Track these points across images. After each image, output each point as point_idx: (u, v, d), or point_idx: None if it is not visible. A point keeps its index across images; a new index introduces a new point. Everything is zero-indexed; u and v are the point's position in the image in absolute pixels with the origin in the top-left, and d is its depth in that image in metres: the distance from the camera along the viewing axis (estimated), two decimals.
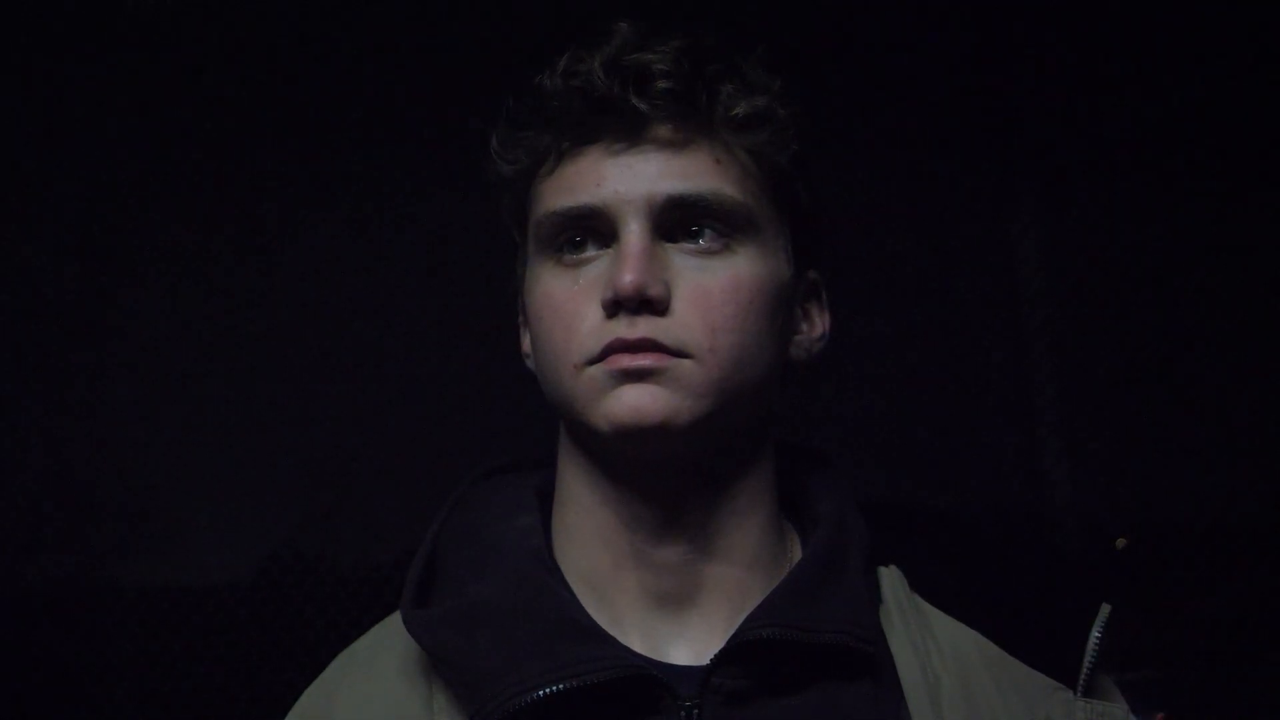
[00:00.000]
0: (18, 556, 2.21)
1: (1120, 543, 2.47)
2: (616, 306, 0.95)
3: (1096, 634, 1.03)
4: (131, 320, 2.23)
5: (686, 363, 0.96)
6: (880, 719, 0.97)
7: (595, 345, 0.96)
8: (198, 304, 2.24)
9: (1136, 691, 1.04)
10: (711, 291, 0.97)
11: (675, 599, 1.00)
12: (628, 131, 0.97)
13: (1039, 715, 0.99)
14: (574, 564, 1.02)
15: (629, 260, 0.95)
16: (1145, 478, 2.43)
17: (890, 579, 1.05)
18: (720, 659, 0.96)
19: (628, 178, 0.97)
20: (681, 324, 0.96)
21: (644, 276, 0.95)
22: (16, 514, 2.22)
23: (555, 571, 1.02)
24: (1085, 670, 1.02)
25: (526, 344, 1.07)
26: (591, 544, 1.01)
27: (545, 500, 1.07)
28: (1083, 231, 2.46)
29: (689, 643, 0.99)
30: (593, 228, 0.98)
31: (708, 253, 0.98)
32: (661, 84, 0.97)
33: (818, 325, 1.08)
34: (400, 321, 2.25)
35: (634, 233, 0.96)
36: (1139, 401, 2.44)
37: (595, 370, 0.96)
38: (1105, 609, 1.04)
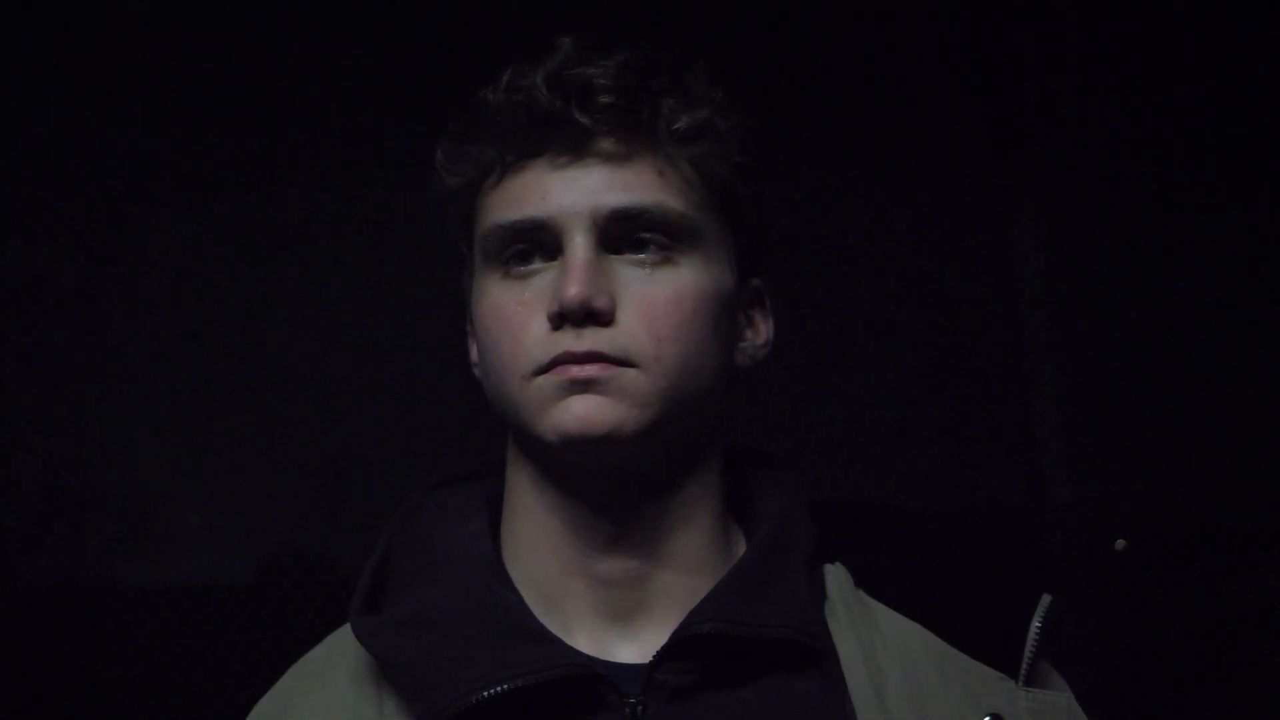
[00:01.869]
0: (17, 556, 2.21)
1: (1120, 543, 2.47)
2: (562, 319, 0.97)
3: (1037, 624, 1.03)
4: (131, 320, 2.23)
5: (632, 372, 0.97)
6: (825, 713, 0.98)
7: (542, 356, 0.97)
8: (197, 303, 2.24)
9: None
10: (656, 302, 0.99)
11: (624, 609, 1.01)
12: (571, 145, 0.99)
13: (983, 706, 0.99)
14: (523, 570, 1.04)
15: (574, 273, 0.97)
16: (1145, 478, 2.43)
17: (835, 576, 1.06)
18: (663, 655, 0.97)
19: (572, 191, 0.98)
20: (627, 334, 0.97)
21: (589, 289, 0.96)
22: (16, 514, 2.22)
23: (504, 577, 1.03)
24: (1027, 660, 1.02)
25: (475, 353, 1.08)
26: (539, 551, 1.02)
27: (495, 507, 1.08)
28: (1083, 231, 2.46)
29: (638, 645, 1.00)
30: (538, 240, 0.99)
31: (652, 264, 1.00)
32: (604, 99, 0.99)
33: (762, 332, 1.10)
34: (401, 321, 2.25)
35: (579, 245, 0.98)
36: (1139, 401, 2.44)
37: (542, 381, 0.97)
38: (1045, 599, 1.04)
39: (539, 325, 0.98)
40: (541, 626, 1.00)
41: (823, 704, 0.98)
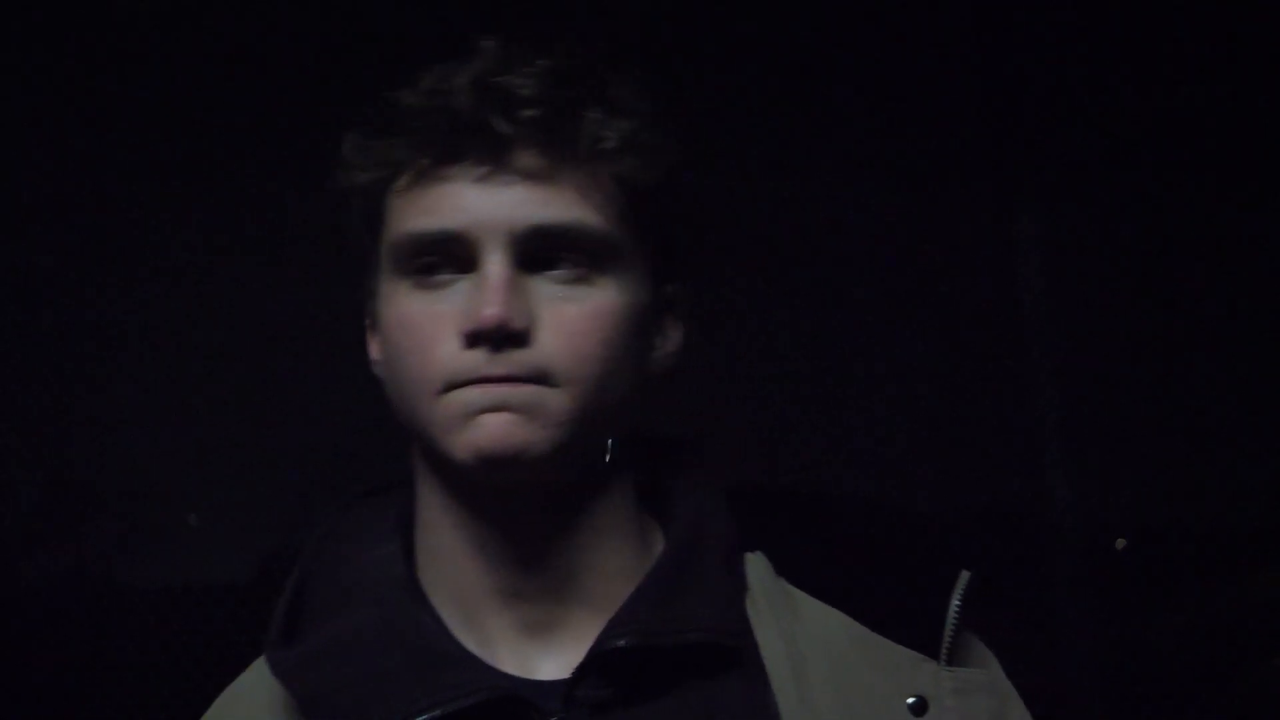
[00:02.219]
0: (17, 556, 2.21)
1: (1120, 543, 2.46)
2: (479, 338, 0.94)
3: (956, 601, 1.01)
4: (131, 320, 2.23)
5: (549, 392, 0.95)
6: (749, 712, 0.97)
7: (455, 375, 0.95)
8: (197, 303, 2.24)
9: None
10: (574, 320, 0.96)
11: (543, 622, 1.00)
12: (491, 155, 0.96)
13: (907, 689, 0.98)
14: (442, 587, 1.02)
15: (491, 292, 0.94)
16: (1145, 478, 2.43)
17: (755, 565, 1.04)
18: (580, 672, 0.96)
19: (490, 205, 0.96)
20: (544, 354, 0.95)
21: (507, 309, 0.94)
22: (16, 514, 2.22)
23: (421, 599, 1.01)
24: (947, 639, 1.00)
25: (376, 351, 1.06)
26: (456, 566, 1.01)
27: (409, 523, 1.06)
28: (1083, 231, 2.46)
29: (560, 658, 0.99)
30: (452, 252, 0.97)
31: (570, 281, 0.97)
32: (528, 111, 0.95)
33: (673, 339, 1.08)
34: None
35: (496, 262, 0.95)
36: (1139, 402, 2.44)
37: (454, 398, 0.95)
38: (964, 576, 1.02)
39: (451, 341, 0.95)
40: (460, 648, 0.98)
41: (745, 703, 0.97)
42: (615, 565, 1.01)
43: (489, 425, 0.94)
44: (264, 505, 2.23)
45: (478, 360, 0.94)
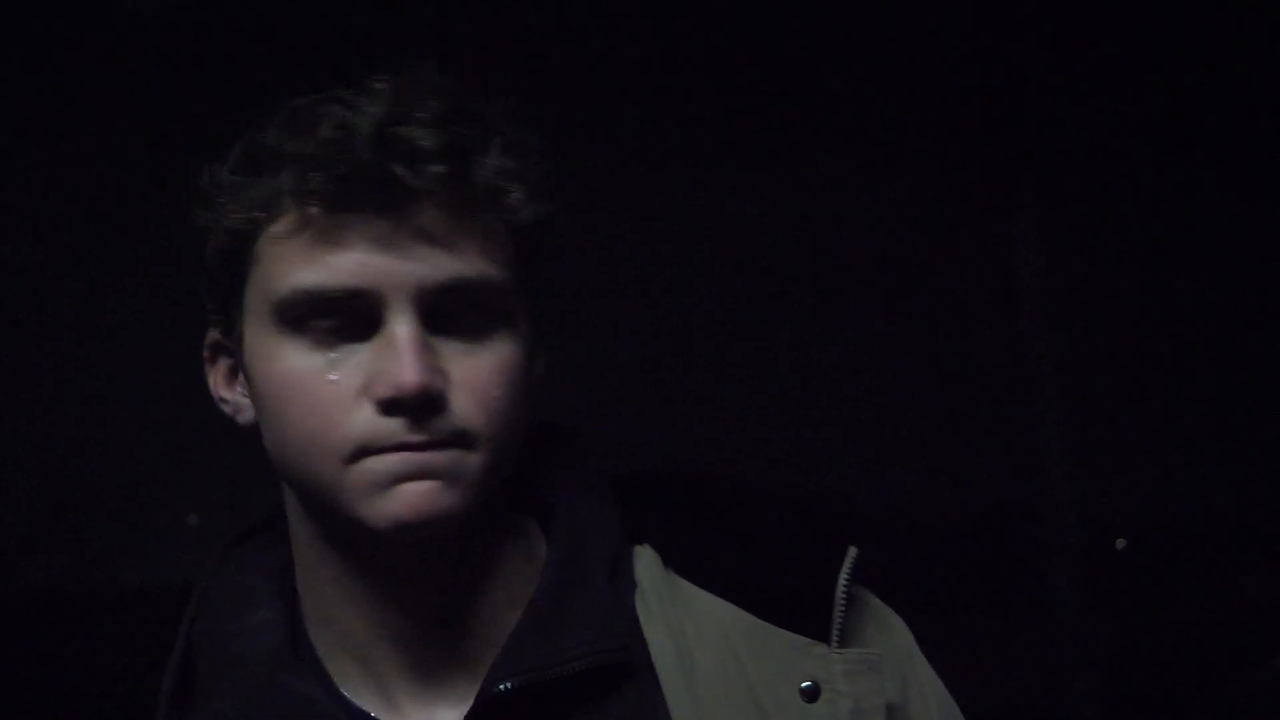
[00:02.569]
0: (16, 556, 2.21)
1: (1120, 543, 2.46)
2: (396, 405, 0.89)
3: (844, 580, 0.97)
4: (131, 320, 2.23)
5: (467, 455, 0.92)
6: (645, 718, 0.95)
7: (371, 443, 0.90)
8: (197, 303, 2.23)
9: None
10: (484, 378, 0.92)
11: (440, 662, 0.97)
12: (392, 208, 0.90)
13: (799, 676, 0.96)
14: (328, 636, 0.99)
15: (408, 356, 0.89)
16: (1145, 478, 2.43)
17: (644, 560, 1.01)
18: (471, 718, 0.94)
19: (395, 262, 0.90)
20: (460, 417, 0.91)
21: (428, 374, 0.89)
22: (15, 514, 2.22)
23: (304, 663, 0.98)
24: (837, 621, 0.97)
25: (228, 390, 1.01)
26: (345, 614, 0.97)
27: (286, 573, 1.02)
28: (1083, 231, 2.46)
29: (456, 699, 0.96)
30: (352, 310, 0.91)
31: (473, 338, 0.93)
32: (433, 166, 0.90)
33: (540, 362, 1.02)
34: None
35: (406, 323, 0.90)
36: (1139, 402, 2.44)
37: (367, 466, 0.90)
38: (851, 552, 0.98)
39: (359, 406, 0.90)
40: (352, 709, 0.95)
41: (640, 712, 0.95)
42: (503, 591, 0.98)
43: (410, 494, 0.90)
44: (264, 505, 2.22)
45: (395, 428, 0.90)
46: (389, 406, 0.90)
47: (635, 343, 2.29)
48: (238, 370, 0.99)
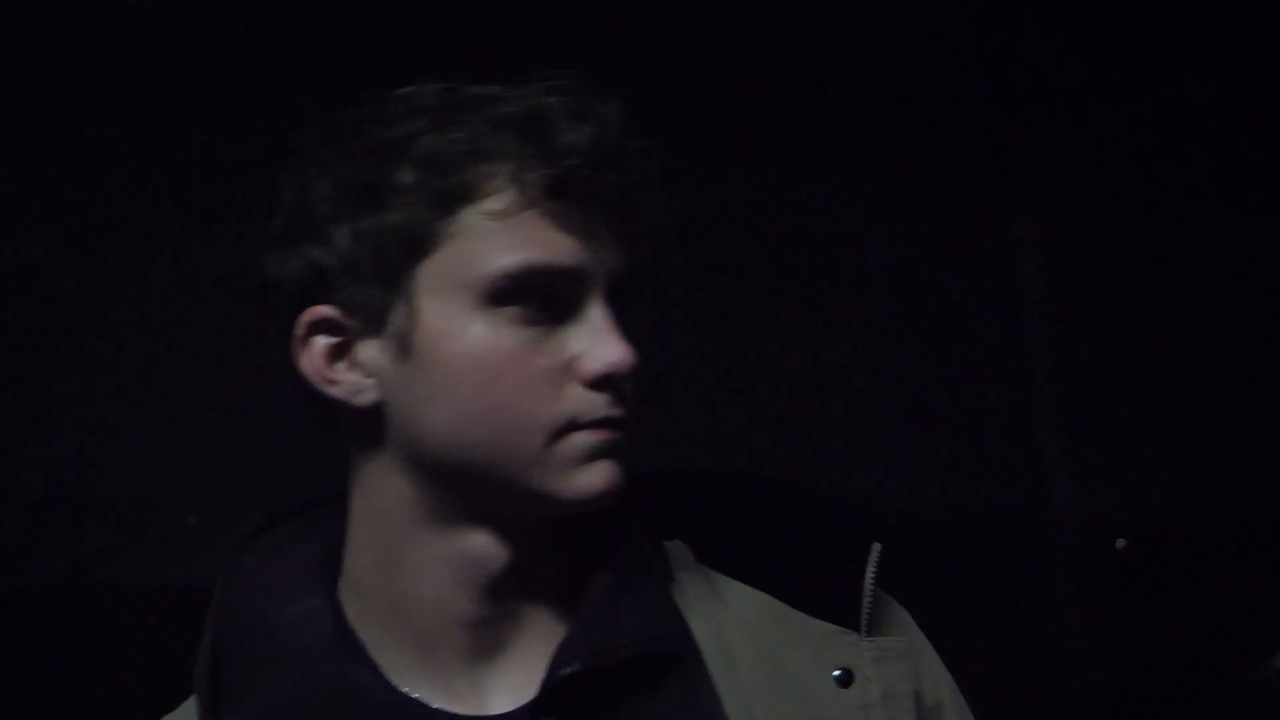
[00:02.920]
0: (16, 556, 2.21)
1: (1120, 543, 2.47)
2: (607, 382, 0.95)
3: (871, 573, 1.02)
4: (131, 320, 2.23)
5: (628, 436, 0.99)
6: (695, 707, 0.98)
7: (579, 416, 0.95)
8: (197, 303, 2.24)
9: None
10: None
11: (497, 647, 1.00)
12: (593, 200, 0.97)
13: (831, 663, 1.00)
14: (387, 622, 1.00)
15: (614, 334, 0.96)
16: (1145, 478, 2.43)
17: (677, 554, 1.05)
18: (538, 706, 0.96)
19: (597, 249, 0.97)
20: (630, 399, 0.98)
21: (634, 353, 0.96)
22: (15, 514, 2.22)
23: (355, 651, 1.00)
24: (866, 611, 1.02)
25: (325, 368, 1.03)
26: (419, 602, 0.99)
27: (332, 561, 1.04)
28: (1083, 231, 2.46)
29: (508, 684, 0.99)
30: (560, 291, 0.96)
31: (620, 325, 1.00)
32: (632, 174, 0.97)
33: None
34: None
35: (605, 305, 0.97)
36: (1139, 402, 2.44)
37: (577, 440, 0.95)
38: (876, 548, 1.03)
39: (566, 383, 0.95)
40: (402, 698, 0.97)
41: (694, 698, 0.98)
42: (552, 579, 1.01)
43: (606, 469, 0.96)
44: (264, 505, 2.22)
45: (600, 403, 0.95)
46: (598, 383, 0.95)
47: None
48: (345, 350, 1.01)
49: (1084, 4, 2.39)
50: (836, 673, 1.00)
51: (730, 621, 1.01)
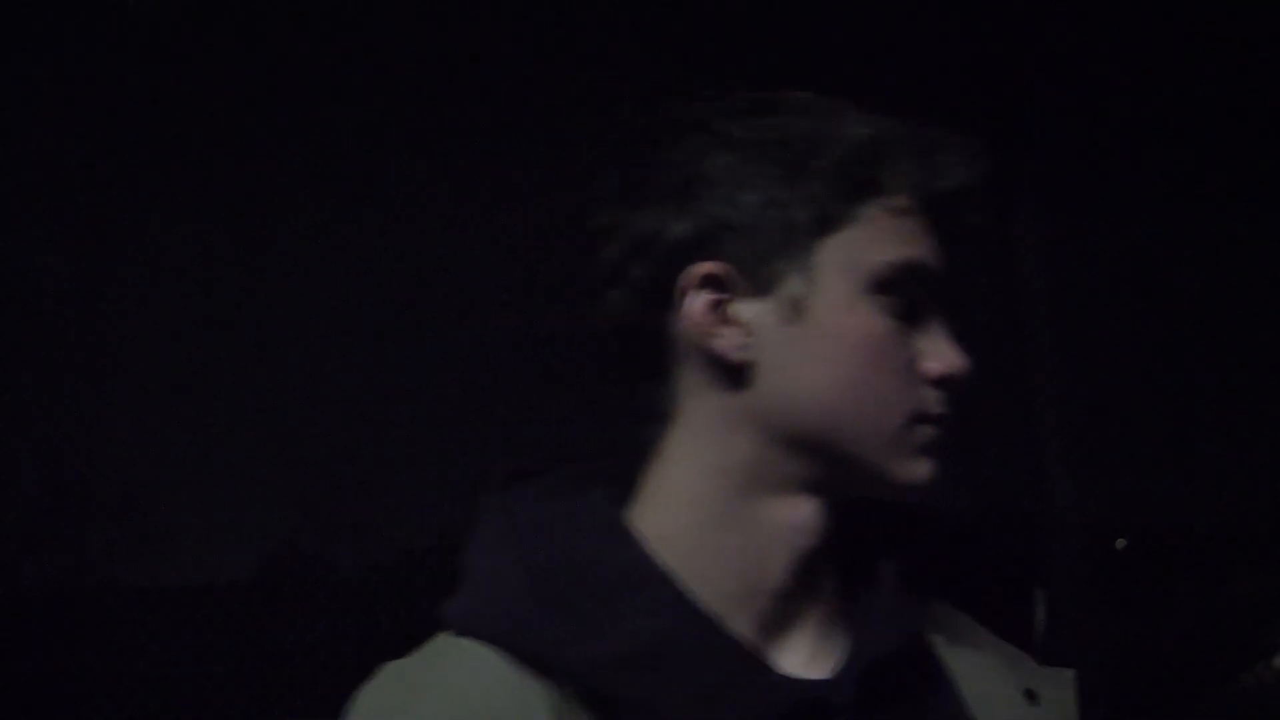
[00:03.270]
0: (17, 556, 2.21)
1: (1120, 543, 2.47)
2: (945, 382, 1.03)
3: (1041, 605, 1.11)
4: (129, 320, 2.23)
5: None
6: (953, 697, 1.04)
7: (927, 408, 1.02)
8: (196, 304, 2.24)
9: None
10: None
11: (787, 619, 1.04)
12: (939, 212, 1.06)
13: (1021, 682, 1.07)
14: (698, 588, 1.02)
15: (956, 342, 1.03)
16: (1145, 478, 2.43)
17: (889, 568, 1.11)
18: (865, 674, 1.01)
19: (939, 254, 1.06)
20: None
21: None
22: (16, 514, 2.22)
23: (694, 604, 1.02)
24: (1040, 640, 1.10)
25: (707, 320, 1.03)
26: (733, 570, 1.03)
27: (619, 518, 1.06)
28: (1083, 231, 2.46)
29: (797, 661, 1.03)
30: (922, 291, 1.04)
31: None
32: (978, 210, 1.07)
33: None
34: (400, 321, 2.25)
35: (944, 311, 1.05)
36: (1139, 402, 2.44)
37: (923, 431, 1.03)
38: (1040, 592, 1.13)
39: (918, 376, 1.03)
40: (754, 657, 1.01)
41: (947, 687, 1.05)
42: (834, 565, 1.06)
43: (934, 464, 1.04)
44: (264, 505, 2.23)
45: (938, 400, 1.03)
46: (939, 383, 1.02)
47: None
48: (723, 306, 1.03)
49: (1084, 4, 2.39)
50: (1024, 689, 1.07)
51: (943, 630, 1.08)
